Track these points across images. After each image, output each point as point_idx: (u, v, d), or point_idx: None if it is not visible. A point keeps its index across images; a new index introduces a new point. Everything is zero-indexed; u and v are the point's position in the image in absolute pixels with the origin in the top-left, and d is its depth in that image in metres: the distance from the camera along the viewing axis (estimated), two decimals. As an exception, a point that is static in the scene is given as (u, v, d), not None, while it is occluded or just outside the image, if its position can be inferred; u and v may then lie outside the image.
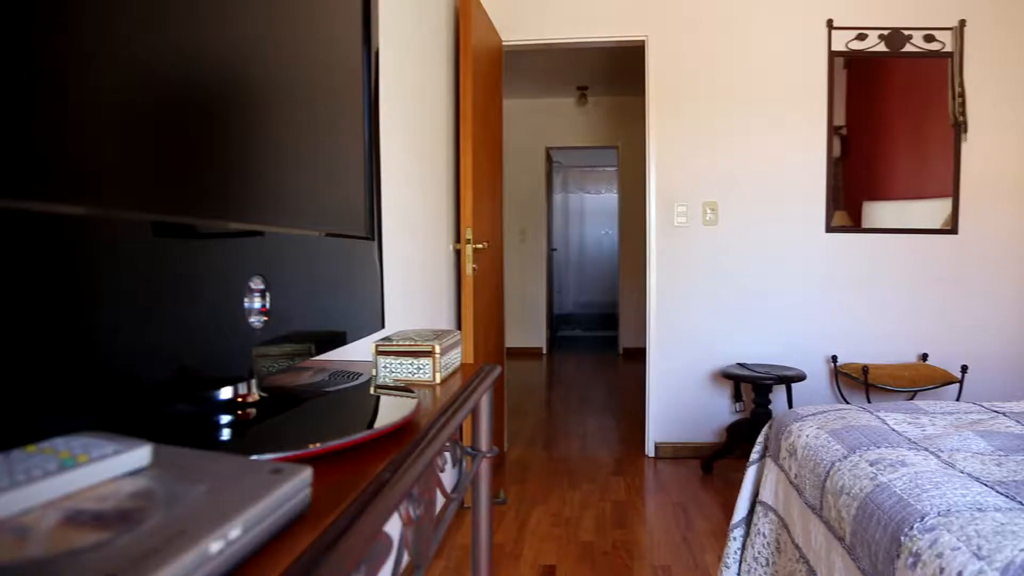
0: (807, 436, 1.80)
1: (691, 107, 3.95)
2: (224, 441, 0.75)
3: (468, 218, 3.19)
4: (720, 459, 3.78)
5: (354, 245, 1.12)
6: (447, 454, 0.93)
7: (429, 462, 0.75)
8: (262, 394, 0.88)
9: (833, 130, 3.95)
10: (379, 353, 1.13)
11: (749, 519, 2.07)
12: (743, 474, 2.18)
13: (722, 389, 4.00)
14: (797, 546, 1.73)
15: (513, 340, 7.56)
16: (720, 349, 3.97)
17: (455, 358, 1.22)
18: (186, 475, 0.53)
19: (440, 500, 0.93)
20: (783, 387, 3.76)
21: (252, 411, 0.85)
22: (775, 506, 1.92)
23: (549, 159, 8.19)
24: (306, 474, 0.55)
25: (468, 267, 3.20)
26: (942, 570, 1.12)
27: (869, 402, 3.37)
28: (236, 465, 0.57)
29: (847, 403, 3.30)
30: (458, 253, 3.31)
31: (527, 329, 7.78)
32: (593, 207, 9.88)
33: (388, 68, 2.23)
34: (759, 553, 1.97)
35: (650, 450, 4.04)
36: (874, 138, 4.01)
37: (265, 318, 0.80)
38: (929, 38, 3.93)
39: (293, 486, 0.54)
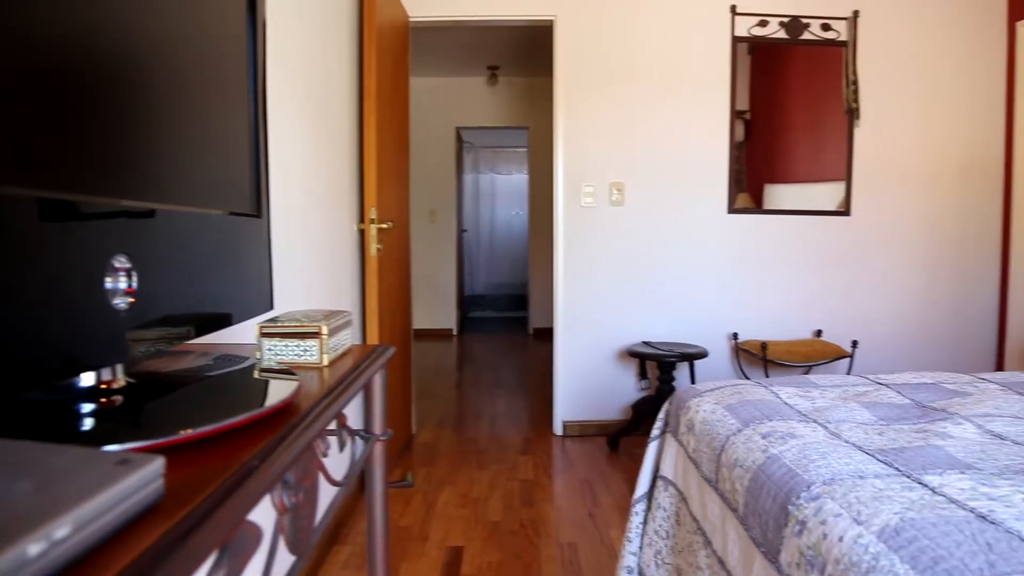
0: (704, 411, 1.84)
1: (599, 88, 3.97)
2: (80, 432, 0.70)
3: (372, 197, 3.12)
4: (626, 436, 3.86)
5: (238, 223, 1.07)
6: (332, 439, 0.89)
7: (306, 447, 0.71)
8: (130, 380, 0.82)
9: (736, 114, 4.05)
10: (263, 335, 1.08)
11: (651, 494, 2.10)
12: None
13: (628, 367, 4.07)
14: (695, 518, 1.77)
15: (422, 322, 7.50)
16: (626, 328, 4.04)
17: (345, 339, 1.17)
18: (12, 471, 0.48)
19: (333, 489, 0.90)
20: (687, 364, 3.85)
21: (117, 398, 0.79)
22: (675, 480, 1.96)
23: (459, 139, 8.13)
24: (156, 464, 0.51)
25: (372, 247, 3.13)
26: (825, 536, 1.16)
27: (767, 377, 3.50)
28: (78, 457, 0.52)
29: (747, 378, 3.41)
30: (362, 233, 3.24)
31: (437, 310, 7.74)
32: (504, 188, 9.88)
33: (286, 41, 2.14)
34: (660, 526, 2.00)
35: (558, 429, 4.08)
36: (776, 123, 4.13)
37: (131, 299, 0.74)
38: (826, 27, 4.06)
39: (141, 478, 0.50)
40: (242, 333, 1.54)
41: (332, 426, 0.97)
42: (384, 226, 3.22)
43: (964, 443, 1.46)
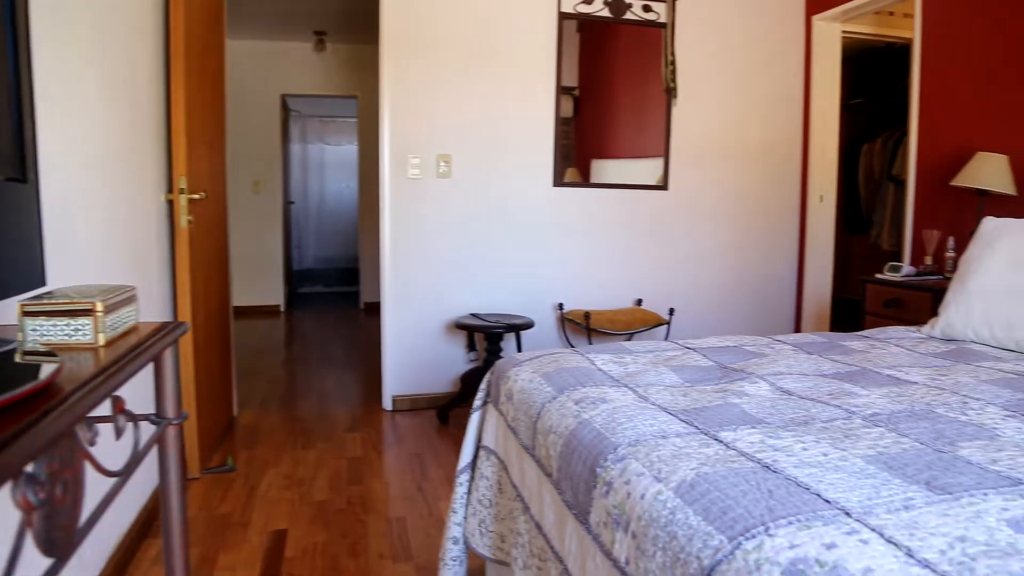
0: (522, 380, 1.86)
1: (427, 58, 3.90)
2: None
3: (181, 166, 2.91)
4: (455, 408, 3.87)
5: (-7, 187, 0.94)
6: (100, 426, 0.80)
7: (59, 435, 0.63)
8: None
9: (561, 89, 4.12)
10: (26, 314, 0.96)
11: (474, 464, 2.11)
12: (470, 421, 2.22)
13: (457, 340, 4.08)
14: (514, 485, 1.79)
15: (247, 298, 7.16)
16: (455, 300, 4.04)
17: (128, 316, 1.07)
18: None
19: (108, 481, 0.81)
20: (514, 335, 3.91)
21: None
22: (496, 449, 1.97)
23: (285, 107, 7.77)
24: None
25: (183, 219, 2.92)
26: (629, 495, 1.20)
27: (591, 344, 3.62)
28: None
29: (572, 347, 3.51)
30: (171, 204, 3.01)
31: (263, 286, 7.41)
32: (334, 159, 9.57)
33: (64, -14, 1.92)
34: (483, 495, 2.02)
35: (387, 404, 4.04)
36: (603, 100, 4.24)
37: None
38: (647, 8, 4.21)
39: None
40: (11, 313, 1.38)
41: (110, 411, 0.88)
42: (196, 196, 3.01)
43: (757, 400, 1.57)
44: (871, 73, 6.00)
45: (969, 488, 1.09)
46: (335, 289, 9.17)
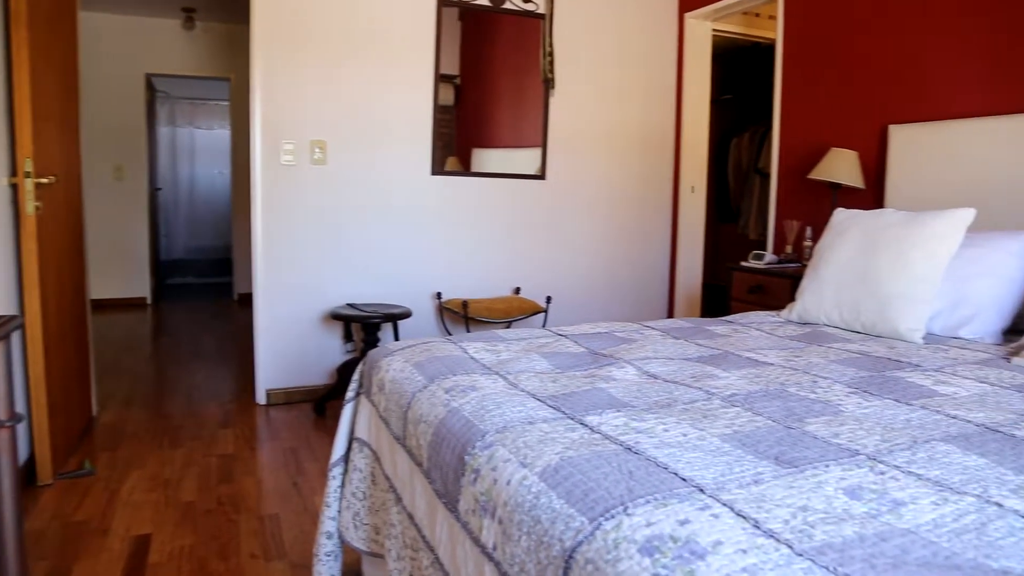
0: (394, 370, 1.83)
1: (301, 40, 3.77)
2: None
3: (27, 147, 2.69)
4: (332, 400, 3.79)
5: None
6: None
7: None
8: None
9: (446, 78, 4.08)
10: None
11: (347, 457, 2.07)
12: (345, 413, 2.18)
13: (334, 331, 3.99)
14: (387, 476, 1.76)
15: (109, 290, 6.75)
16: (332, 290, 3.95)
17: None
18: None
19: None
20: (392, 325, 3.86)
21: None
22: (369, 441, 1.94)
23: (151, 87, 7.35)
24: None
25: (29, 205, 2.71)
26: (496, 481, 1.20)
27: (468, 333, 3.62)
28: None
29: (450, 336, 3.50)
30: (15, 189, 2.79)
31: (128, 278, 7.00)
32: (205, 144, 9.14)
33: None
34: (357, 488, 1.98)
35: (261, 398, 3.90)
36: (484, 89, 4.24)
37: None
38: (525, -2, 4.23)
39: None
40: None
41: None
42: (45, 181, 2.80)
43: (624, 384, 1.61)
44: (740, 70, 6.27)
45: (813, 461, 1.15)
46: (207, 280, 8.79)
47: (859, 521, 0.96)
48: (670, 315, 4.87)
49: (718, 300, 5.15)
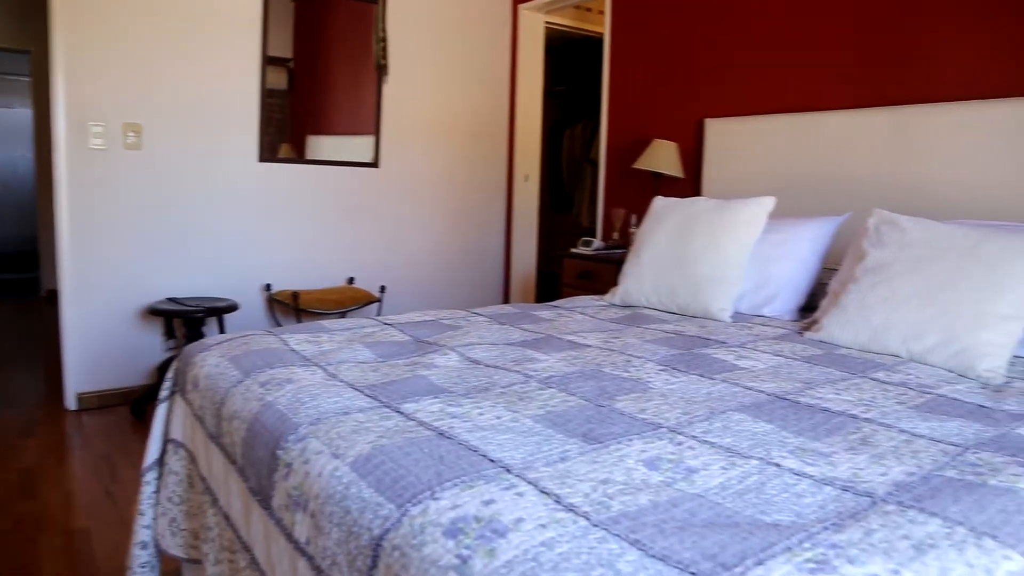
0: (209, 366, 1.74)
1: (111, 11, 3.47)
2: None
3: None
4: (151, 401, 3.56)
5: None
6: None
7: None
8: None
9: (270, 60, 3.91)
10: None
11: (162, 460, 1.95)
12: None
13: (154, 327, 3.74)
14: (203, 477, 1.68)
15: None
16: (151, 284, 3.70)
17: None
18: None
19: None
20: (216, 320, 3.68)
21: None
22: (184, 442, 1.84)
23: (-66, 63, 6.56)
24: None
25: None
26: (308, 474, 1.17)
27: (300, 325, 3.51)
28: None
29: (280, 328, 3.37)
30: None
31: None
32: (4, 124, 8.27)
33: None
34: (172, 492, 1.87)
35: (71, 403, 3.60)
36: (318, 74, 4.10)
37: None
38: (357, -19, 4.14)
39: None
40: None
41: None
42: None
43: (445, 371, 1.61)
44: (573, 63, 6.46)
45: (618, 436, 1.20)
46: (9, 276, 7.99)
47: (655, 489, 1.02)
48: (506, 301, 4.96)
49: (553, 286, 5.29)
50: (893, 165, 2.81)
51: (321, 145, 4.16)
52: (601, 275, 3.52)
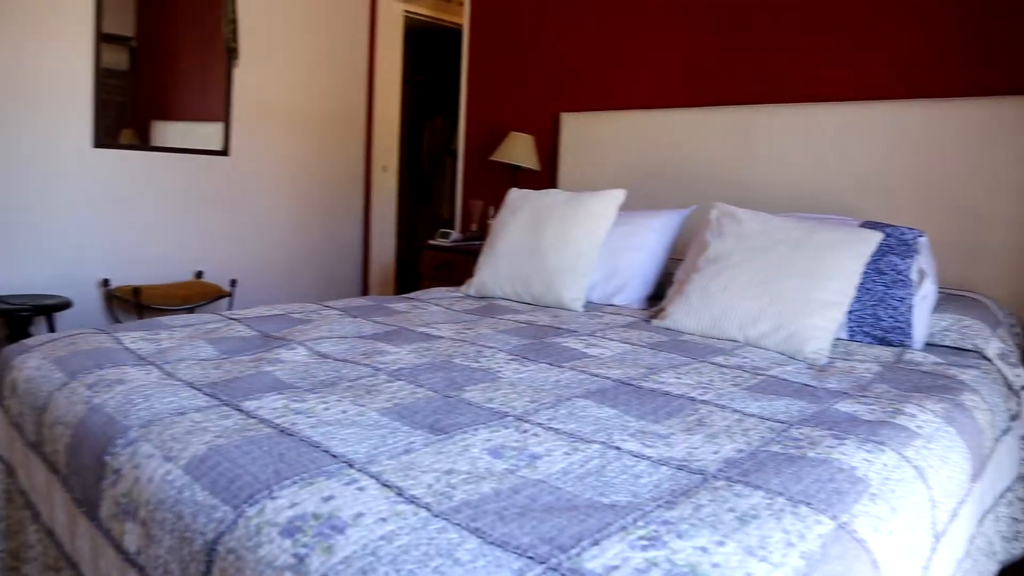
0: (29, 369, 1.61)
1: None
2: None
3: None
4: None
5: None
6: None
7: None
8: None
9: (105, 38, 3.63)
10: None
11: (-23, 472, 1.78)
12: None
13: (-26, 328, 3.41)
14: (23, 491, 1.55)
15: None
16: (-31, 281, 3.37)
17: None
18: None
19: None
20: (45, 319, 3.39)
21: None
22: (2, 453, 1.68)
23: None
24: None
25: None
26: (138, 480, 1.10)
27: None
28: None
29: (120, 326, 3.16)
30: None
31: None
32: None
33: None
34: (-10, 508, 1.71)
35: None
36: (164, 55, 3.85)
37: None
38: (202, -42, 3.92)
39: None
40: None
41: None
42: None
43: (292, 366, 1.56)
44: (434, 53, 6.42)
45: (464, 426, 1.21)
46: None
47: (498, 477, 1.03)
48: (365, 293, 4.88)
49: (413, 278, 5.26)
50: (735, 161, 2.98)
51: (167, 131, 3.92)
52: (459, 266, 3.53)
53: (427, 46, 6.38)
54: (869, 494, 1.09)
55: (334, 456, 1.06)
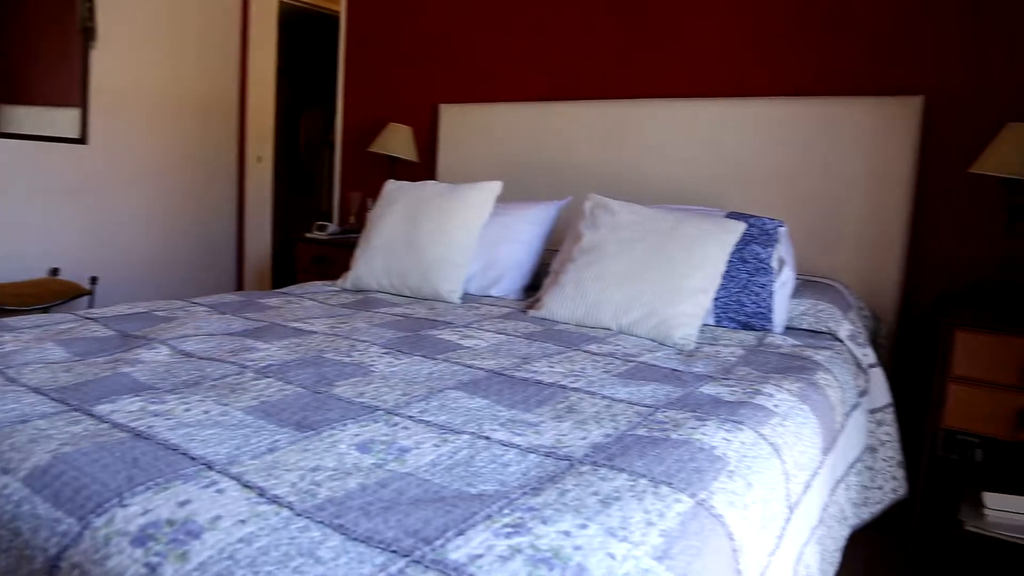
0: None
1: None
2: None
3: None
4: None
5: None
6: None
7: None
8: None
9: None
10: None
11: None
12: None
13: None
14: None
15: None
16: None
17: None
18: None
19: None
20: None
21: None
22: None
23: None
24: None
25: None
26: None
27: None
28: None
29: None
30: None
31: None
32: None
33: None
34: None
35: None
36: (13, 35, 3.55)
37: None
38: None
39: None
40: None
41: None
42: None
43: (152, 366, 1.49)
44: (313, 41, 6.24)
45: (332, 422, 1.19)
46: None
47: (365, 472, 1.01)
48: (240, 288, 4.70)
49: (291, 272, 5.11)
50: (613, 153, 3.06)
51: (18, 116, 3.64)
52: (337, 260, 3.46)
53: (304, 34, 6.20)
54: (727, 471, 1.15)
55: (193, 459, 1.01)
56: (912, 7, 2.57)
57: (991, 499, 2.10)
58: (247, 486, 0.94)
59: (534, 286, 2.64)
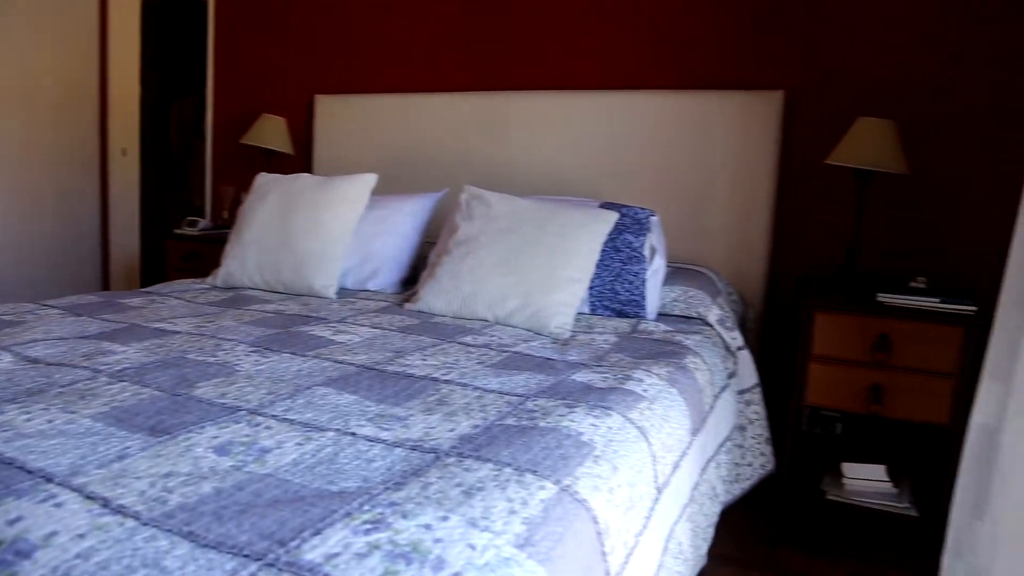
0: None
1: None
2: None
3: None
4: None
5: None
6: None
7: None
8: None
9: None
10: None
11: None
12: None
13: None
14: None
15: None
16: None
17: None
18: None
19: None
20: None
21: None
22: None
23: None
24: None
25: None
26: None
27: None
28: None
29: None
30: None
31: None
32: None
33: None
34: None
35: None
36: None
37: None
38: None
39: None
40: None
41: None
42: None
43: (-8, 374, 1.38)
44: (185, 29, 5.95)
45: (189, 425, 1.14)
46: None
47: (221, 476, 0.98)
48: (106, 288, 4.44)
49: (163, 270, 4.88)
50: (489, 145, 3.07)
51: None
52: (209, 256, 3.32)
53: (174, 22, 5.91)
54: (593, 456, 1.17)
55: (29, 472, 0.95)
56: (772, 5, 2.71)
57: (849, 468, 2.25)
58: (89, 497, 0.89)
59: (412, 279, 2.62)
